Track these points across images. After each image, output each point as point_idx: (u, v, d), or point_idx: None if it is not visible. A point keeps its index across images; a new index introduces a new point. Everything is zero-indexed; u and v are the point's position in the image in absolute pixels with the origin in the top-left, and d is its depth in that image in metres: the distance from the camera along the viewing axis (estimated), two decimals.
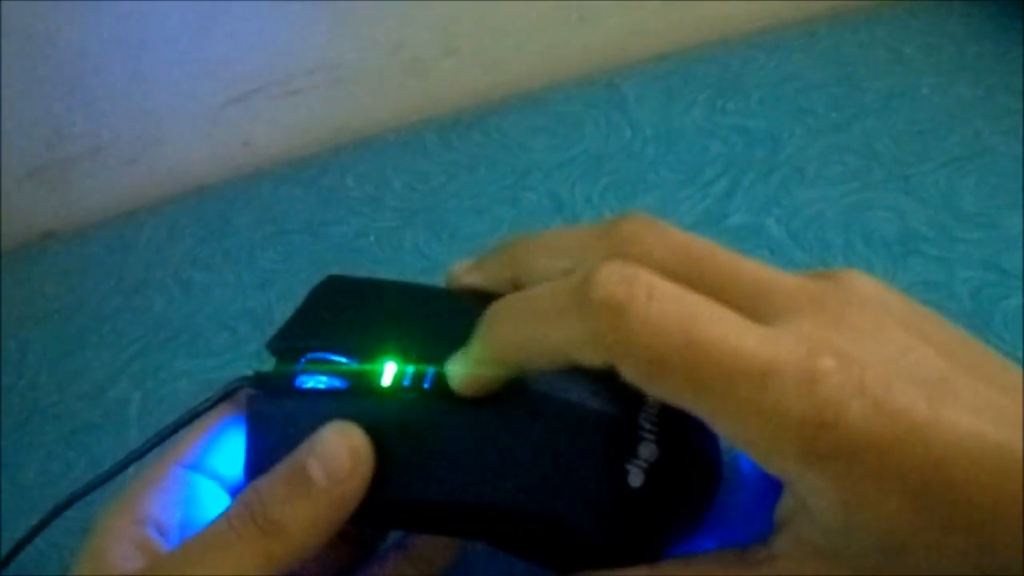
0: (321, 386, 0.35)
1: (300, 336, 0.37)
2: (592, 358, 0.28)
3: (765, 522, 0.30)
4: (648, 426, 0.32)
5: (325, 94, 0.77)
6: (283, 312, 0.56)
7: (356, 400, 0.34)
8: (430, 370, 0.33)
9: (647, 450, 0.31)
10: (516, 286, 0.35)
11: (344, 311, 0.38)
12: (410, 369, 0.34)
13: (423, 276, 0.61)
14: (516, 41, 0.78)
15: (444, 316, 0.37)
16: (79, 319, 0.66)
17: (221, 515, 0.31)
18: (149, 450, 0.37)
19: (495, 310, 0.31)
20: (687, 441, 0.33)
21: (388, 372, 0.34)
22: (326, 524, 0.31)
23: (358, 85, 0.78)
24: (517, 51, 0.78)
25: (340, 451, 0.31)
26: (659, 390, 0.27)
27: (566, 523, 0.32)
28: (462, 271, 0.38)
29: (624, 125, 0.70)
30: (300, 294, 0.62)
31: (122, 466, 0.37)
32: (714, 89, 0.71)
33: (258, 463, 0.35)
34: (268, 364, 0.37)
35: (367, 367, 0.35)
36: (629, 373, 0.27)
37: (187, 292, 0.65)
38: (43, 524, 0.38)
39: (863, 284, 0.31)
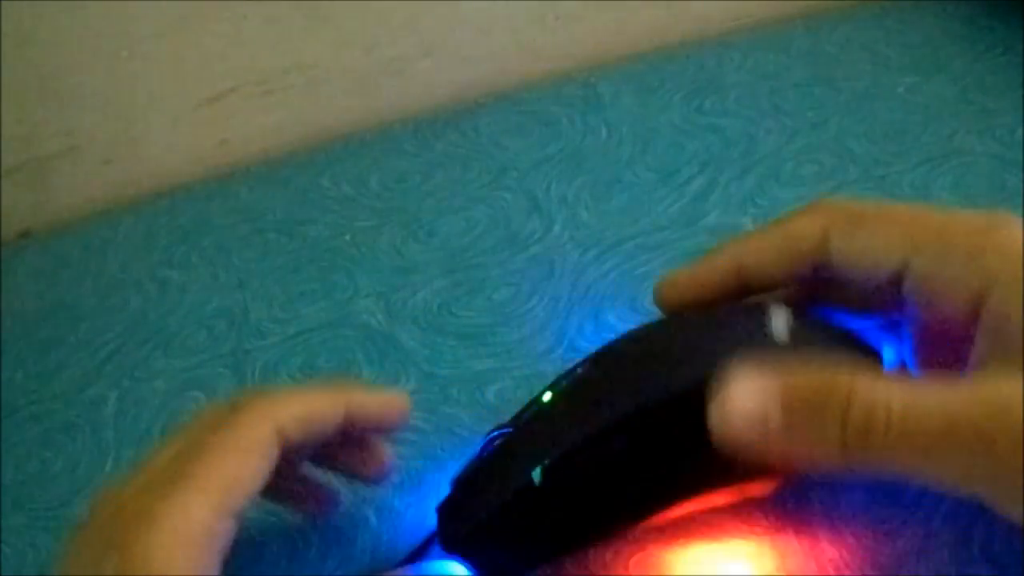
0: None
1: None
2: None
3: None
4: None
5: (301, 93, 0.77)
6: (259, 311, 0.56)
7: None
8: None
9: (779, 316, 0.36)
10: (740, 274, 0.39)
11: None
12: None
13: (399, 275, 0.61)
14: (492, 40, 0.78)
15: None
16: (55, 318, 0.65)
17: None
18: None
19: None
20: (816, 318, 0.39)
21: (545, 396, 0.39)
22: None
23: (334, 85, 0.77)
24: (493, 50, 0.78)
25: None
26: None
27: None
28: (672, 282, 0.41)
29: (600, 124, 0.70)
30: (276, 294, 0.62)
31: None
32: (690, 88, 0.71)
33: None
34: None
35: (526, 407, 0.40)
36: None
37: (163, 291, 0.65)
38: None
39: None
